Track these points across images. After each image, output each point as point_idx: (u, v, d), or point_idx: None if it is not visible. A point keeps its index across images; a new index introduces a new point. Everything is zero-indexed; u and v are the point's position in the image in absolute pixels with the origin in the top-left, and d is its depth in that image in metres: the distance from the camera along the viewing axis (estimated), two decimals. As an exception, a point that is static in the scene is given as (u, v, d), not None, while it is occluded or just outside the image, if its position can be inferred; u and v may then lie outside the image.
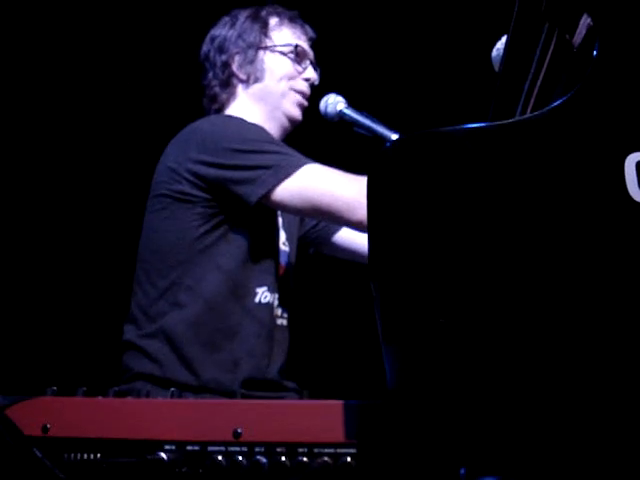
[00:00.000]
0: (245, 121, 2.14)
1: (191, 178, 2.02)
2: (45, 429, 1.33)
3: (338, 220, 2.06)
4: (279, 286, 2.14)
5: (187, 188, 2.02)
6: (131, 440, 1.33)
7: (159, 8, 3.31)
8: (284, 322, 2.17)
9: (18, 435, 1.31)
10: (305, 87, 2.27)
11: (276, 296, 2.12)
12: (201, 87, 2.29)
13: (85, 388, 1.41)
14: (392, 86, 3.37)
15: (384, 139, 2.06)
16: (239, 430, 1.31)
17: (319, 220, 2.34)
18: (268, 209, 2.07)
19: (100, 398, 1.40)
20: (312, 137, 2.59)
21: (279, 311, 2.14)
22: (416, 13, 3.31)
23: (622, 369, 1.09)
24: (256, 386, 2.00)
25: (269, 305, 2.10)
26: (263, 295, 2.08)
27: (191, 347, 1.98)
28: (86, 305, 3.36)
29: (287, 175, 1.97)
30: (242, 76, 2.23)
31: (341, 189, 1.97)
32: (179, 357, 1.97)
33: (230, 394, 1.89)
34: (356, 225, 1.99)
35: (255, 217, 2.06)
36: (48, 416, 1.35)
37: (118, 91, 3.38)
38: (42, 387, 1.40)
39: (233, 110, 2.24)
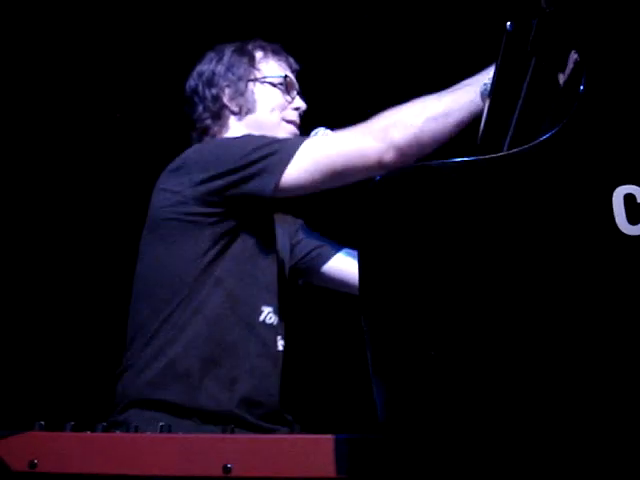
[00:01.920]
0: (234, 136, 2.17)
1: (201, 197, 1.99)
2: (32, 465, 1.32)
3: (358, 173, 1.97)
4: (280, 311, 2.12)
5: (196, 208, 1.99)
6: (120, 475, 1.31)
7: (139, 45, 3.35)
8: (281, 348, 2.13)
9: (5, 471, 1.30)
10: (295, 116, 2.30)
11: (278, 320, 2.10)
12: (191, 121, 2.29)
13: (73, 423, 1.39)
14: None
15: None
16: (229, 465, 1.30)
17: (341, 184, 2.14)
18: (268, 234, 2.07)
19: (88, 433, 1.38)
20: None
21: (280, 336, 2.12)
22: (403, 40, 3.34)
23: (609, 395, 1.10)
24: (254, 406, 1.97)
25: (273, 327, 2.08)
26: (268, 315, 2.06)
27: (190, 366, 1.94)
28: (74, 339, 3.35)
29: (292, 154, 1.96)
30: (234, 108, 2.25)
31: (348, 144, 1.97)
32: (175, 376, 1.94)
33: (226, 415, 1.86)
34: (378, 169, 1.92)
35: (258, 242, 2.05)
36: (35, 451, 1.33)
37: (101, 124, 3.41)
38: (29, 422, 1.39)
39: None
